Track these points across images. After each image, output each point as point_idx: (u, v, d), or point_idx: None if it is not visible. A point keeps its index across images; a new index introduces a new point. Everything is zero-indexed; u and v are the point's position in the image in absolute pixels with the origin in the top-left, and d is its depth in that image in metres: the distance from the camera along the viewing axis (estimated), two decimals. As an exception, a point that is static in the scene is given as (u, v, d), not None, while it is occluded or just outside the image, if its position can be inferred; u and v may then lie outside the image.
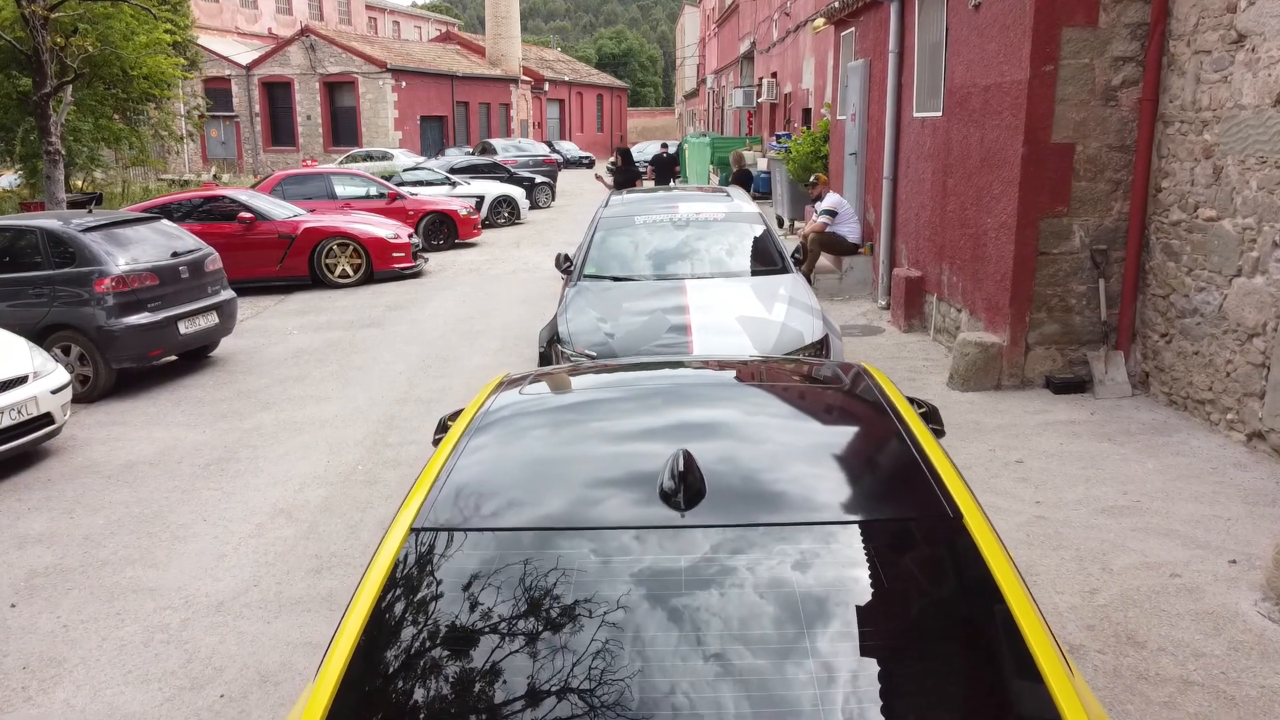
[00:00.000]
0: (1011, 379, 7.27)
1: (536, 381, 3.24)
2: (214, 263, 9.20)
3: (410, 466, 6.45)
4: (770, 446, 2.43)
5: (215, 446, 6.99)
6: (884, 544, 2.03)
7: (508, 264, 15.41)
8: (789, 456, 2.39)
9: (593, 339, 6.20)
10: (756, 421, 2.68)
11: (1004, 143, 7.20)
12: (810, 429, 2.69)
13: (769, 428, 2.61)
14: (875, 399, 2.77)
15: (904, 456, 2.34)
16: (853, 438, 2.64)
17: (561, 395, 3.08)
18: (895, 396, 2.79)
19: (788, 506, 2.12)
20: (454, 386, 8.31)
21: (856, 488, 2.29)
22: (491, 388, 3.26)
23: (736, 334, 6.08)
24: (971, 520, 2.04)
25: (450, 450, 2.54)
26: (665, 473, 2.15)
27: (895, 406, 2.66)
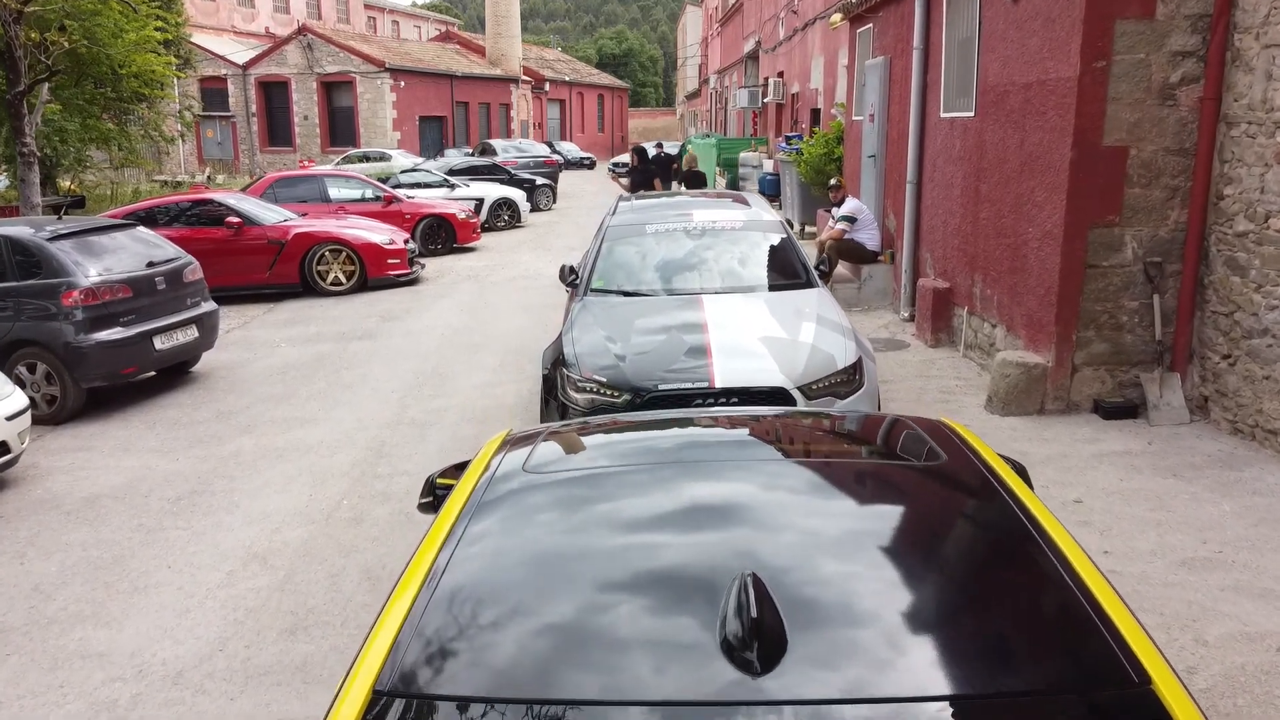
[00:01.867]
0: (1056, 403, 6.68)
1: (547, 442, 2.67)
2: (194, 272, 8.61)
3: (400, 501, 5.86)
4: (865, 559, 1.84)
5: (188, 477, 6.39)
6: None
7: (508, 270, 14.82)
8: (894, 576, 1.80)
9: (601, 362, 5.61)
10: (834, 513, 2.09)
11: (1049, 146, 6.61)
12: (913, 531, 2.07)
13: (855, 526, 2.01)
14: (981, 477, 2.19)
15: (1050, 579, 1.74)
16: (972, 543, 2.05)
17: (579, 470, 2.48)
18: (1007, 474, 2.21)
19: (916, 668, 1.52)
20: (451, 407, 7.72)
21: (1002, 633, 1.66)
22: (491, 450, 2.68)
23: (760, 357, 5.49)
24: (1166, 689, 1.45)
25: (436, 552, 1.95)
26: (727, 610, 1.56)
27: (1015, 494, 2.07)
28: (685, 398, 5.27)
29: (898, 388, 7.47)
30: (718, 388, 5.26)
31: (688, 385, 5.28)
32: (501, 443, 2.75)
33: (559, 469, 2.43)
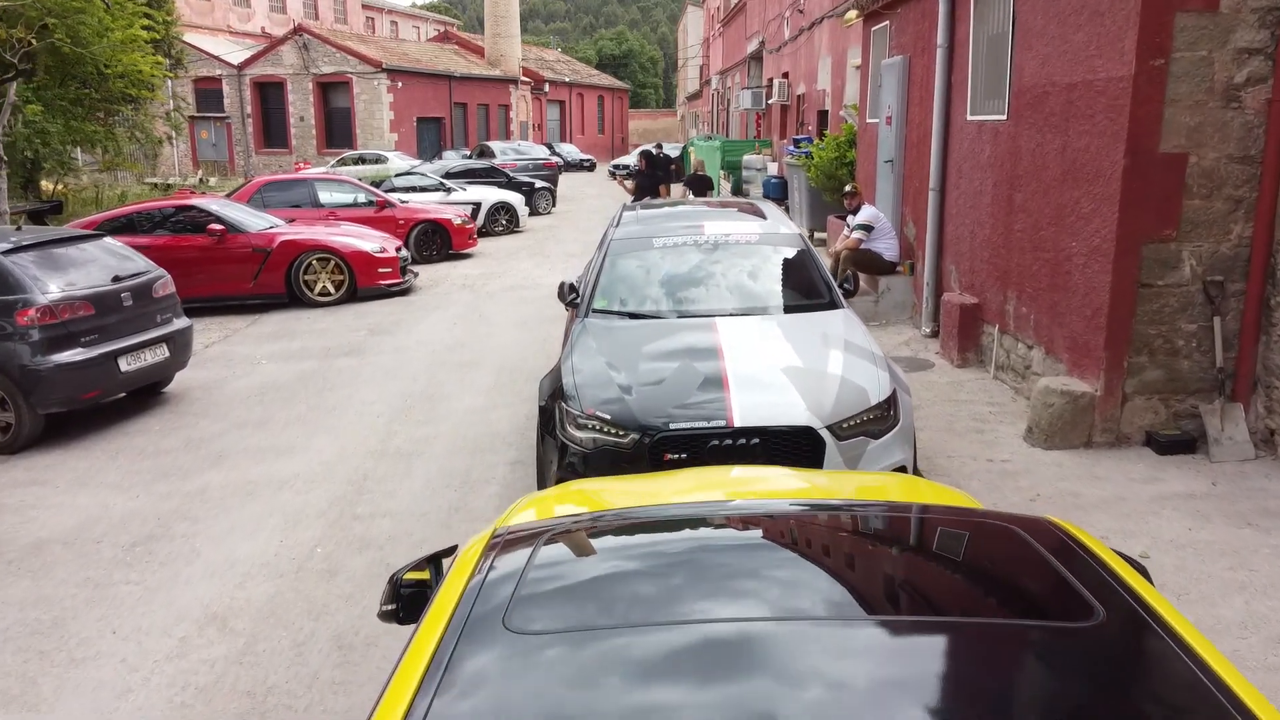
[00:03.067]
0: (1105, 435, 6.07)
1: (550, 546, 2.09)
2: (164, 286, 7.99)
3: (380, 549, 5.25)
4: None
5: (148, 518, 5.78)
6: None
7: (505, 278, 14.21)
8: None
9: (604, 395, 5.00)
10: (955, 679, 1.49)
11: (1097, 152, 6.00)
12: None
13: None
14: (1134, 617, 1.60)
15: None
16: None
17: (573, 626, 1.88)
18: (1165, 608, 1.64)
19: None
20: (440, 434, 7.10)
21: None
22: (472, 561, 2.09)
23: (783, 390, 4.88)
24: None
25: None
26: None
27: (1187, 646, 1.50)
28: (699, 437, 4.66)
29: (925, 413, 6.86)
30: (736, 426, 4.66)
31: (702, 424, 4.68)
32: (486, 547, 2.16)
33: (549, 621, 1.84)
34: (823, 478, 3.73)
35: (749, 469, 4.00)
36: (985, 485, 5.60)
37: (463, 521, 5.56)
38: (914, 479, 3.51)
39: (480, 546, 2.17)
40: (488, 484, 6.12)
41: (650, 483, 3.65)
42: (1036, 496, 5.42)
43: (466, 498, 5.92)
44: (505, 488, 6.03)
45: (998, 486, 5.58)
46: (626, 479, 3.84)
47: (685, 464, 4.66)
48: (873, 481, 3.34)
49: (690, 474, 3.83)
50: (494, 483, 6.14)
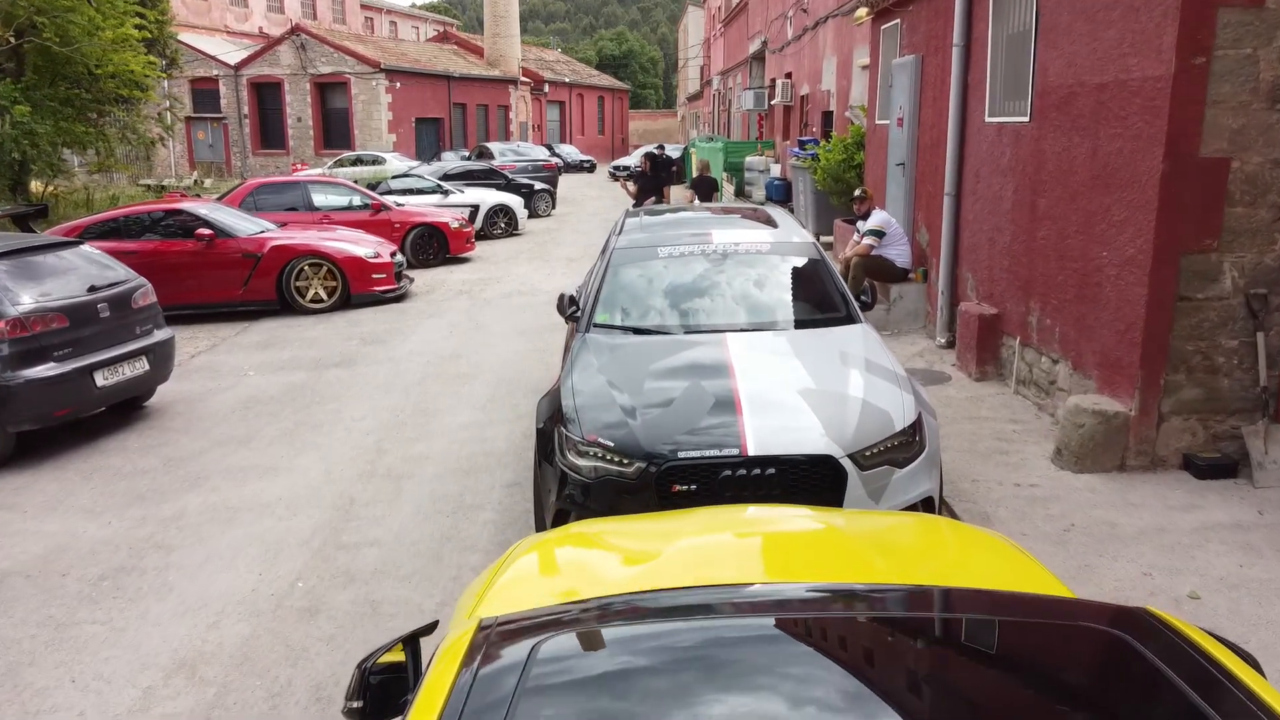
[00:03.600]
0: (1140, 458, 5.70)
1: (548, 642, 1.73)
2: (145, 296, 7.62)
3: (365, 584, 4.88)
4: None
5: (119, 547, 5.41)
6: None
7: (503, 284, 13.84)
8: None
9: (607, 418, 4.63)
10: None
11: (1131, 157, 5.64)
12: None
13: None
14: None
15: None
16: None
17: (595, 708, 1.53)
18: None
19: None
20: (432, 454, 6.73)
21: None
22: (461, 652, 1.74)
23: (801, 414, 4.51)
24: None
25: None
26: None
27: None
28: (709, 467, 4.29)
29: (946, 431, 6.46)
30: (750, 455, 4.29)
31: (713, 453, 4.31)
32: (471, 644, 1.79)
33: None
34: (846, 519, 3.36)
35: (765, 510, 3.64)
36: (1014, 513, 5.23)
37: (455, 552, 5.19)
38: (958, 527, 3.15)
39: (465, 642, 1.81)
40: (482, 509, 5.75)
41: (658, 524, 3.29)
42: (1070, 527, 5.05)
43: (459, 525, 5.55)
44: (501, 514, 5.67)
45: (1027, 515, 5.22)
46: (632, 520, 3.47)
47: (695, 495, 4.31)
48: (910, 535, 2.97)
49: (702, 515, 3.47)
50: (488, 508, 5.77)
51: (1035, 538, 4.94)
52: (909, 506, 4.47)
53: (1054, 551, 4.77)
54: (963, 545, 2.94)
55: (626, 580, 2.62)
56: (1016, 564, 2.70)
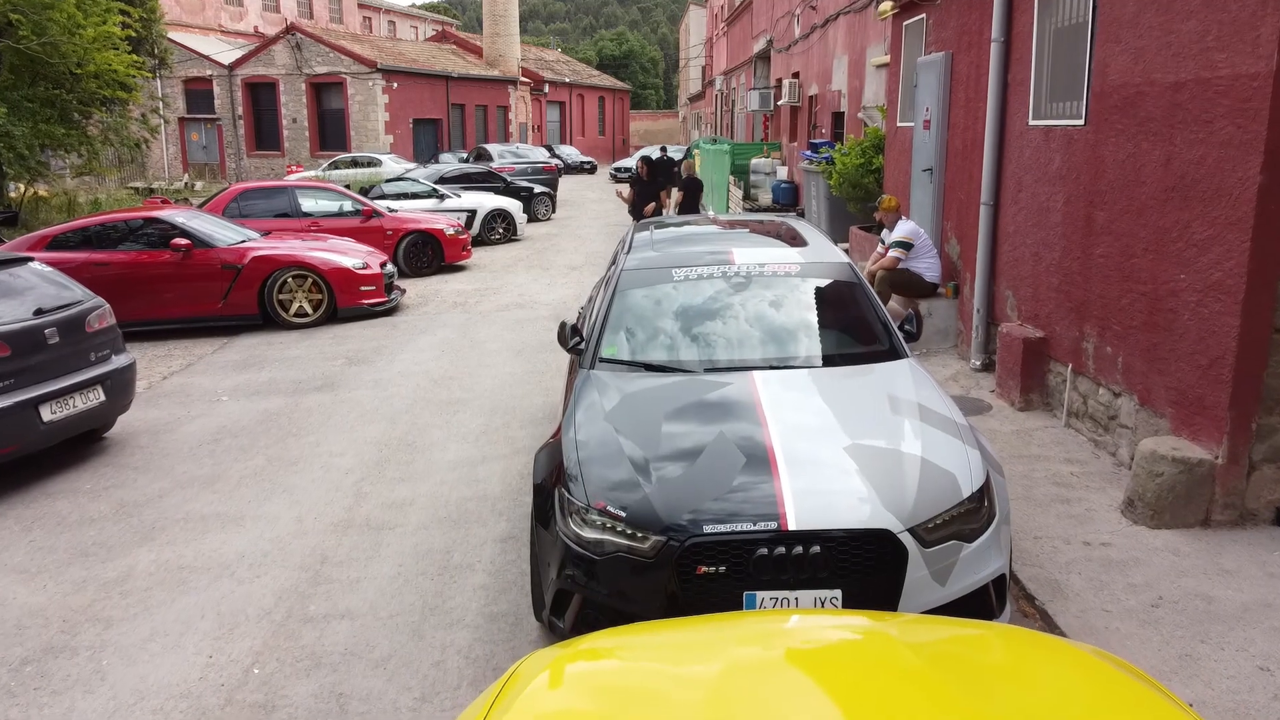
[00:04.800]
0: (1226, 511, 4.97)
1: None
2: (102, 319, 6.88)
3: (333, 672, 4.14)
4: None
5: (51, 620, 4.67)
6: None
7: (501, 295, 13.10)
8: None
9: (617, 477, 3.90)
10: None
11: (1217, 166, 4.90)
12: None
13: None
14: None
15: None
16: None
17: None
18: None
19: None
20: (418, 498, 6.00)
21: None
22: None
23: (849, 476, 3.78)
24: None
25: None
26: None
27: None
28: (742, 543, 3.56)
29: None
30: (791, 530, 3.56)
31: (746, 527, 3.58)
32: None
33: None
34: (921, 632, 2.61)
35: (811, 618, 2.91)
36: (1089, 582, 4.50)
37: (439, 628, 4.45)
38: (1068, 653, 2.40)
39: None
40: (472, 571, 5.01)
41: (681, 645, 2.56)
42: (1158, 601, 4.31)
43: (445, 590, 4.82)
44: (493, 576, 4.93)
45: (1104, 584, 4.48)
46: (646, 636, 2.73)
47: (722, 578, 3.58)
48: (1020, 683, 2.23)
49: (732, 627, 2.74)
50: (479, 568, 5.03)
51: (1119, 615, 4.20)
52: (979, 589, 3.74)
53: (1145, 635, 4.04)
54: (1089, 690, 2.20)
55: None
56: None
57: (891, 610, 3.57)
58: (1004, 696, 2.10)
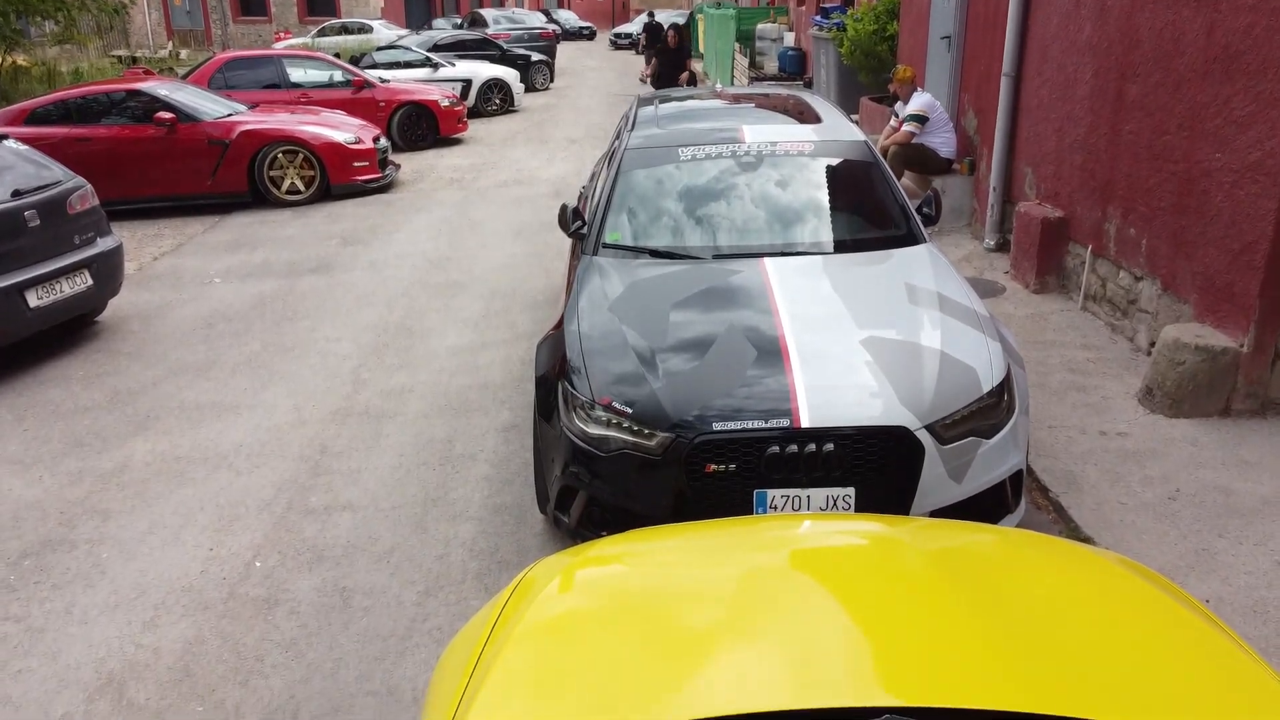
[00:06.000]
0: (1248, 401, 4.84)
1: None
2: (84, 199, 6.62)
3: (335, 566, 4.09)
4: None
5: (48, 513, 4.60)
6: None
7: (498, 170, 12.71)
8: None
9: (622, 370, 3.75)
10: None
11: (1264, 36, 4.56)
12: None
13: None
14: None
15: None
16: None
17: None
18: None
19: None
20: (417, 386, 5.88)
21: None
22: None
23: (865, 371, 3.62)
24: None
25: None
26: None
27: None
28: (753, 441, 3.43)
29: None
30: (804, 427, 3.42)
31: (758, 425, 3.44)
32: None
33: None
34: (936, 538, 2.50)
35: (823, 523, 2.81)
36: (1105, 474, 4.40)
37: (442, 520, 4.39)
38: (1092, 563, 2.28)
39: None
40: (474, 461, 4.92)
41: (691, 551, 2.47)
42: (1175, 493, 4.22)
43: (448, 482, 4.73)
44: (496, 467, 4.84)
45: (1120, 476, 4.38)
46: (656, 542, 2.62)
47: (732, 477, 3.46)
48: (1053, 578, 2.12)
49: (743, 532, 2.63)
50: (482, 459, 4.94)
51: (1135, 508, 4.12)
52: (995, 485, 3.63)
53: (1161, 530, 3.96)
54: (1102, 595, 2.10)
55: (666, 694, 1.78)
56: (1194, 633, 1.89)
57: (905, 509, 3.48)
58: (1016, 603, 2.01)
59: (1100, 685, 1.70)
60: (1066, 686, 1.68)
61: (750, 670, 1.85)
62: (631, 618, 2.13)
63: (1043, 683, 1.71)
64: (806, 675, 1.80)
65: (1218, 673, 1.78)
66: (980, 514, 3.61)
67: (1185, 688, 1.74)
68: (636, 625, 2.09)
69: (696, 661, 1.89)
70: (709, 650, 1.92)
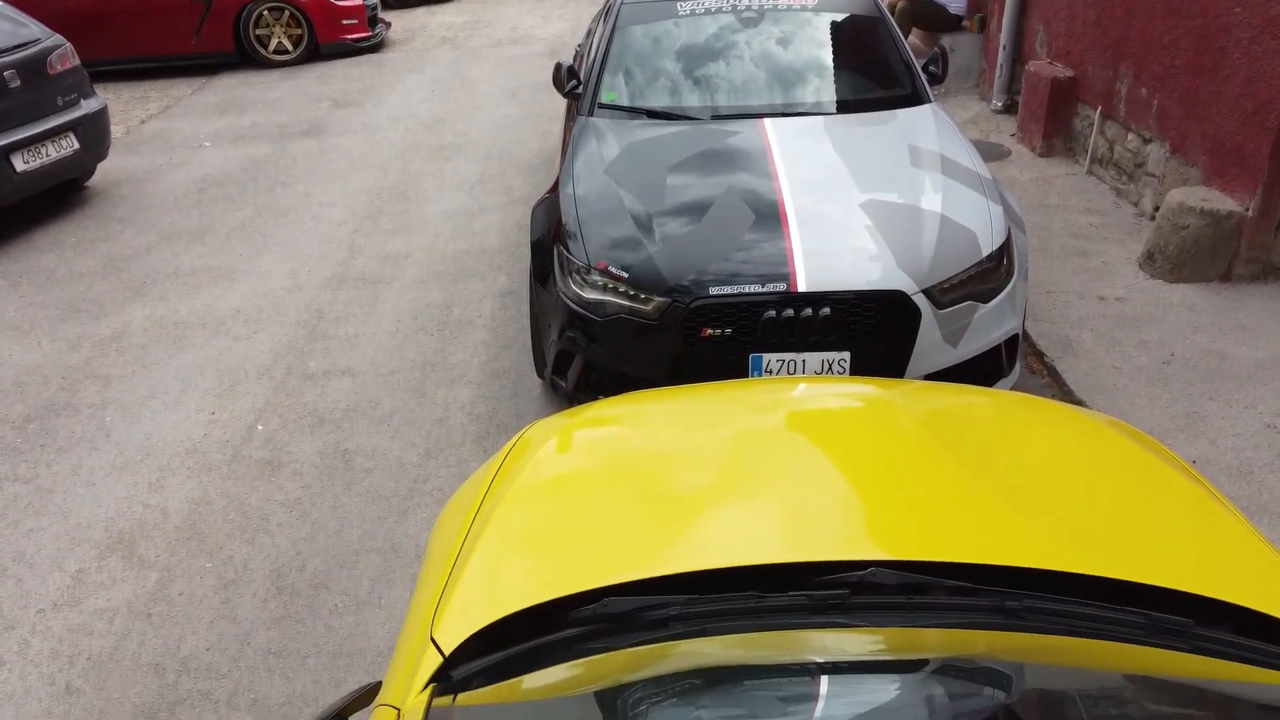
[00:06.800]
0: (1250, 266, 4.81)
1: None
2: (64, 59, 6.41)
3: (336, 430, 4.15)
4: None
5: (50, 378, 4.64)
6: None
7: (492, 29, 12.28)
8: None
9: (618, 234, 3.71)
10: None
11: (1297, -122, 4.32)
12: None
13: None
14: None
15: None
16: None
17: None
18: None
19: None
20: (413, 251, 5.83)
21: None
22: None
23: (864, 234, 3.58)
24: None
25: None
26: None
27: None
28: (749, 305, 3.43)
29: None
30: (801, 291, 3.41)
31: (755, 289, 3.42)
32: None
33: None
34: (929, 400, 2.53)
35: (817, 385, 2.82)
36: (1101, 339, 4.41)
37: (440, 385, 4.42)
38: (1097, 429, 2.30)
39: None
40: (471, 327, 4.93)
41: (687, 412, 2.49)
42: (1170, 358, 4.24)
43: (445, 347, 4.75)
44: (493, 333, 4.85)
45: (1116, 341, 4.39)
46: (652, 403, 2.64)
47: (728, 341, 3.47)
48: (1047, 437, 2.15)
49: (738, 394, 2.65)
50: (479, 324, 4.95)
51: (1129, 373, 4.14)
52: (990, 349, 3.64)
53: (1153, 394, 3.99)
54: (1090, 454, 2.14)
55: (657, 556, 1.83)
56: (1180, 492, 1.93)
57: (900, 373, 3.50)
58: (1005, 462, 2.05)
59: (1084, 540, 1.74)
60: (1050, 541, 1.72)
61: (742, 528, 1.89)
62: (626, 477, 2.17)
63: (1027, 537, 1.75)
64: (797, 532, 1.84)
65: (1200, 529, 1.82)
66: (975, 377, 3.64)
67: (1167, 543, 1.78)
68: (631, 484, 2.12)
69: (689, 519, 1.93)
70: (702, 509, 1.96)
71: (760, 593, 1.61)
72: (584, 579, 1.70)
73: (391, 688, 1.70)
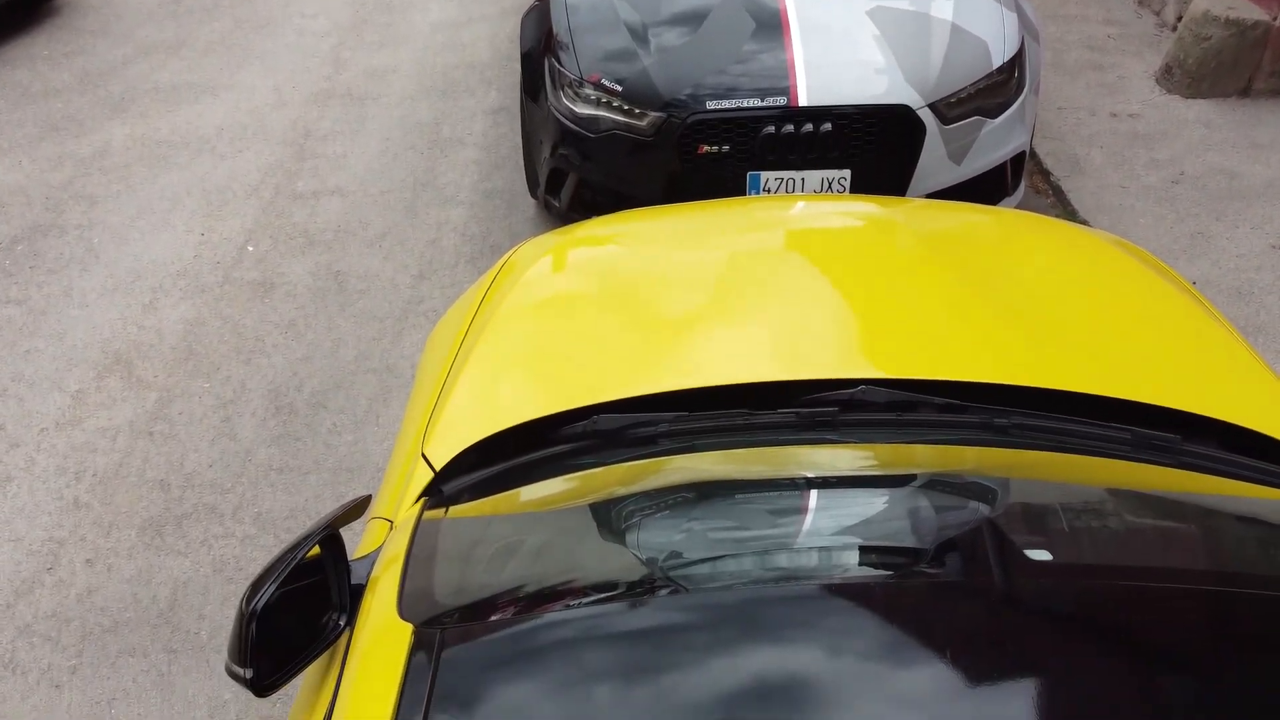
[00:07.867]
0: (1271, 80, 4.62)
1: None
2: None
3: (328, 250, 4.10)
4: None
5: (33, 199, 4.54)
6: None
7: None
8: None
9: (612, 45, 3.55)
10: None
11: None
12: None
13: None
14: None
15: None
16: None
17: None
18: None
19: None
20: (400, 65, 5.60)
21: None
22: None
23: (869, 45, 3.41)
24: None
25: None
26: None
27: None
28: (747, 121, 3.31)
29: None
30: (801, 106, 3.28)
31: (753, 103, 3.29)
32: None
33: None
34: (929, 219, 2.48)
35: (816, 204, 2.76)
36: (1110, 157, 4.29)
37: (432, 205, 4.34)
38: (1098, 246, 2.25)
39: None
40: (462, 145, 4.79)
41: (681, 231, 2.44)
42: (1180, 177, 4.13)
43: (436, 166, 4.63)
44: (484, 151, 4.72)
45: (1126, 159, 4.27)
46: (645, 222, 2.58)
47: (726, 158, 3.37)
48: (1044, 253, 2.12)
49: (734, 212, 2.59)
50: (470, 142, 4.81)
51: (1136, 192, 4.05)
52: (995, 167, 3.54)
53: (1159, 213, 3.92)
54: (1089, 271, 2.12)
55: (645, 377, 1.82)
56: (1182, 311, 1.91)
57: (902, 191, 3.42)
58: (1004, 281, 2.02)
59: (1078, 359, 1.72)
60: (1044, 360, 1.71)
61: (734, 347, 1.87)
62: (617, 296, 2.14)
63: (1022, 356, 1.74)
64: (790, 352, 1.82)
65: (1195, 348, 1.81)
66: (978, 196, 3.54)
67: (1161, 361, 1.77)
68: (622, 303, 2.09)
69: (681, 338, 1.91)
70: (694, 328, 1.94)
71: (750, 410, 1.61)
72: (574, 397, 1.70)
73: (384, 501, 1.73)
